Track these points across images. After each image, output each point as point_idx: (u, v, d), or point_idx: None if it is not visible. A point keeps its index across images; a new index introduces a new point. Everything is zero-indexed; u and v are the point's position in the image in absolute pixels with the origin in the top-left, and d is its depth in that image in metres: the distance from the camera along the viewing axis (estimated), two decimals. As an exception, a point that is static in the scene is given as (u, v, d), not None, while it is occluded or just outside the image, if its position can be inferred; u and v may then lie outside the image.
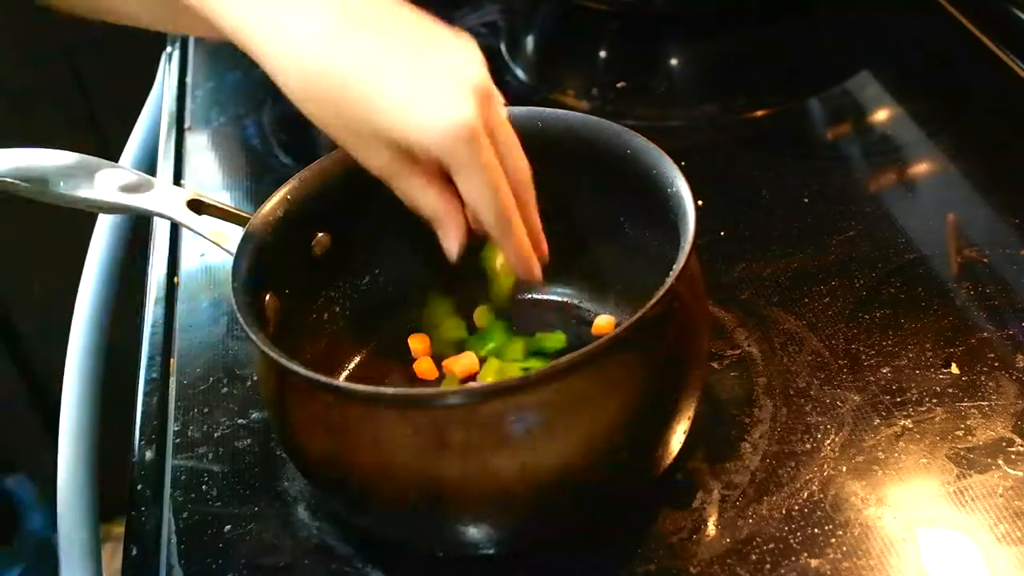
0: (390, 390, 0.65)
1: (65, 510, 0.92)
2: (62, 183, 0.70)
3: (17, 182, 0.69)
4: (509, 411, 0.57)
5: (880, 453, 0.67)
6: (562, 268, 0.79)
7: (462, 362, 0.74)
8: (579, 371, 0.57)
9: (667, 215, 0.64)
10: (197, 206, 0.70)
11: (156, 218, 0.95)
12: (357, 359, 0.77)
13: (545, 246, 0.65)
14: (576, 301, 0.79)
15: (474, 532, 0.61)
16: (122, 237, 1.10)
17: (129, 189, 0.69)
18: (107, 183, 0.70)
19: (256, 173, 1.07)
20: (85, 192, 0.70)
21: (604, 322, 0.77)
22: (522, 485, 0.58)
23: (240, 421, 0.77)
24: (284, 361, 0.58)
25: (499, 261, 0.71)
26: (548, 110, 0.72)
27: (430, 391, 0.68)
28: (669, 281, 0.58)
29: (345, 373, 0.76)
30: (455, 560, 0.65)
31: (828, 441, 0.68)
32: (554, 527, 0.64)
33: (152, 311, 0.89)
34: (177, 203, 0.70)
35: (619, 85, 1.13)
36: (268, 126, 1.13)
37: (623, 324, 0.57)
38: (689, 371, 0.63)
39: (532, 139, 0.72)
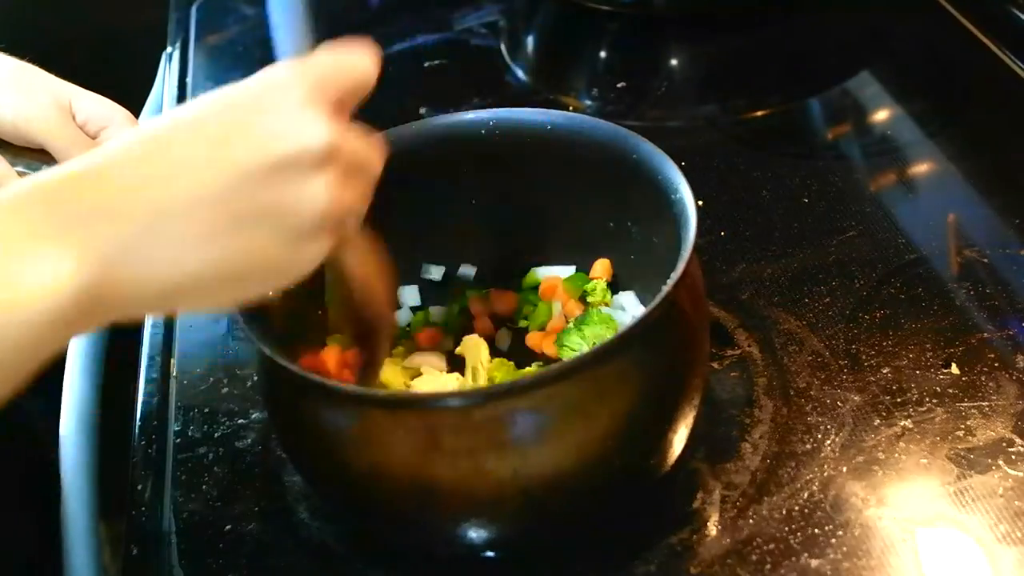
0: (383, 392, 0.65)
1: (66, 509, 0.92)
2: None
3: (31, 172, 0.69)
4: (500, 415, 0.57)
5: (880, 453, 0.67)
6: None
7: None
8: (571, 378, 0.57)
9: (671, 219, 0.64)
10: None
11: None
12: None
13: None
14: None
15: (468, 534, 0.61)
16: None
17: None
18: None
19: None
20: None
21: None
22: (513, 489, 0.58)
23: (240, 421, 0.77)
24: (281, 361, 0.58)
25: None
26: (557, 112, 0.72)
27: (423, 394, 0.68)
28: (666, 289, 0.58)
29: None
30: (455, 560, 0.65)
31: (828, 441, 0.68)
32: (548, 530, 0.64)
33: (152, 311, 0.89)
34: None
35: (619, 85, 1.13)
36: (268, 126, 1.13)
37: (618, 332, 0.57)
38: (687, 378, 0.63)
39: (540, 141, 0.72)
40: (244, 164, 0.47)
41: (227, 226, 0.47)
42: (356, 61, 0.54)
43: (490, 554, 0.64)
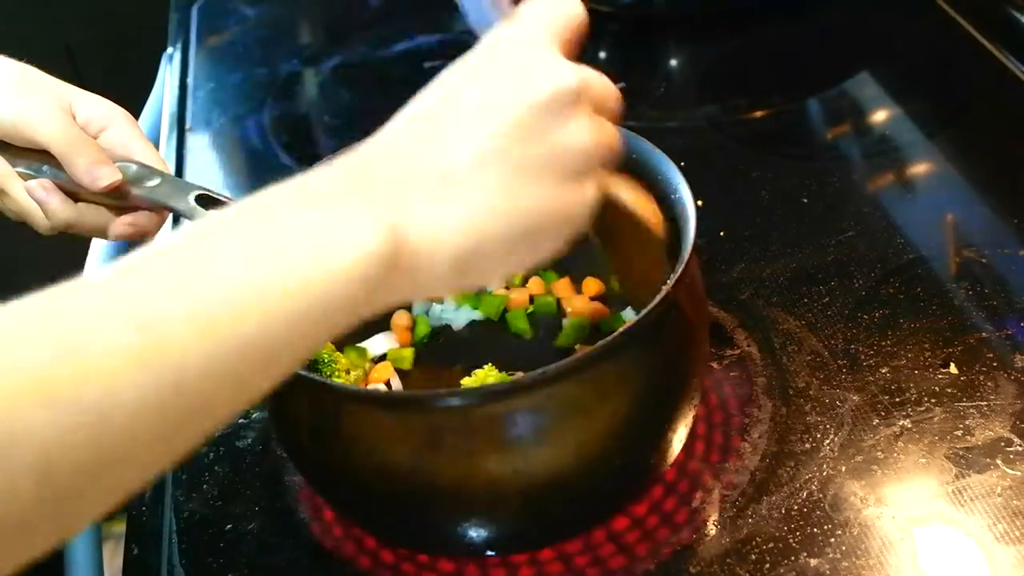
0: (383, 392, 0.65)
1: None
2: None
3: (33, 173, 0.69)
4: (500, 415, 0.57)
5: (879, 453, 0.67)
6: (568, 271, 0.80)
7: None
8: (571, 378, 0.57)
9: (671, 219, 0.64)
10: (205, 201, 0.70)
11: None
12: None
13: None
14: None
15: (468, 533, 0.61)
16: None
17: (137, 181, 0.69)
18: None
19: (257, 173, 1.07)
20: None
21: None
22: (513, 489, 0.58)
23: (241, 420, 0.77)
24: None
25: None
26: None
27: (423, 393, 0.68)
28: (665, 289, 0.58)
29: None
30: (455, 560, 0.65)
31: (827, 441, 0.68)
32: (549, 529, 0.64)
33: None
34: (186, 197, 0.70)
35: (619, 85, 1.13)
36: (268, 126, 1.13)
37: (617, 331, 0.57)
38: (687, 378, 0.63)
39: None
40: (512, 114, 0.48)
41: (510, 178, 0.48)
42: (564, 4, 0.54)
43: (490, 554, 0.64)
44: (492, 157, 0.48)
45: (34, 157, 0.70)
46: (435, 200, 0.46)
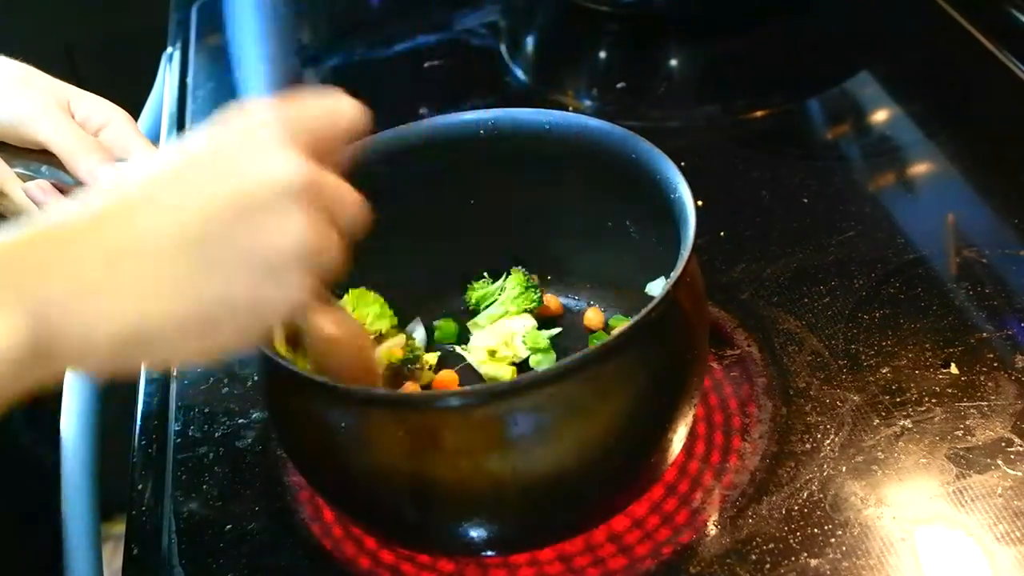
0: (384, 392, 0.65)
1: (67, 509, 0.92)
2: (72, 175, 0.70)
3: (31, 174, 0.69)
4: (500, 415, 0.57)
5: (880, 453, 0.67)
6: (569, 271, 0.80)
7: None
8: (571, 377, 0.57)
9: (671, 219, 0.64)
10: None
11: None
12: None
13: None
14: (584, 305, 0.79)
15: (468, 533, 0.61)
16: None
17: None
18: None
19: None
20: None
21: (593, 314, 0.77)
22: (513, 488, 0.58)
23: (240, 421, 0.77)
24: (282, 361, 0.58)
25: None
26: (556, 112, 0.72)
27: (423, 393, 0.68)
28: (666, 288, 0.58)
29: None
30: (455, 560, 0.65)
31: (828, 441, 0.68)
32: (549, 529, 0.64)
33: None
34: None
35: (619, 86, 1.14)
36: (268, 126, 1.13)
37: (617, 330, 0.57)
38: (687, 377, 0.63)
39: (540, 141, 0.72)
40: (216, 204, 0.46)
41: (199, 269, 0.46)
42: (337, 108, 0.52)
43: (490, 554, 0.64)
44: (180, 245, 0.46)
45: (32, 157, 0.70)
46: (98, 282, 0.45)
